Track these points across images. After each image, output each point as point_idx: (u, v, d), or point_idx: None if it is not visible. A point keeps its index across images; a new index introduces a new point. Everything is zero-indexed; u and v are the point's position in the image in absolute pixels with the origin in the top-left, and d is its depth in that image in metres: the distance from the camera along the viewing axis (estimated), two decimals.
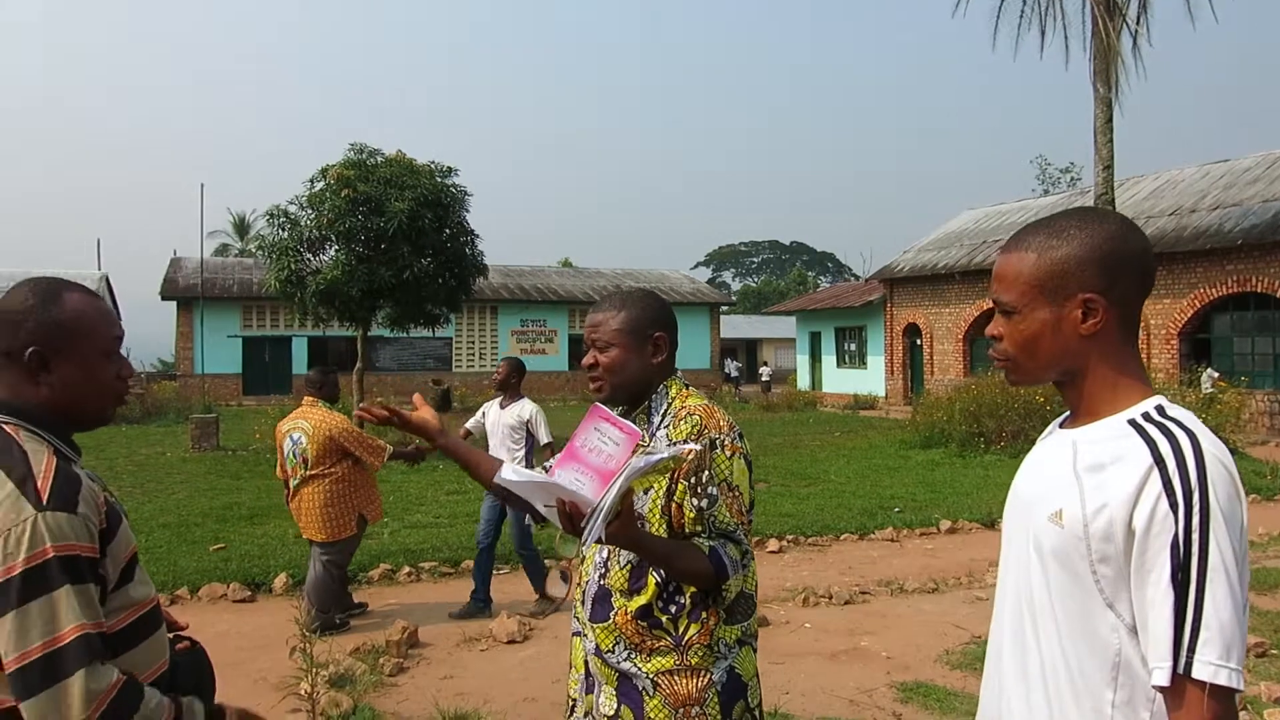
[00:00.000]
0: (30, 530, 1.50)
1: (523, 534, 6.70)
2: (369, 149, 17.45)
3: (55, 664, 1.49)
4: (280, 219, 16.95)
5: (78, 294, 1.73)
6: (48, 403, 1.68)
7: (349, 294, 16.27)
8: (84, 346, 1.71)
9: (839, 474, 13.37)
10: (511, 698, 4.98)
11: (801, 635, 6.04)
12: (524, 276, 39.70)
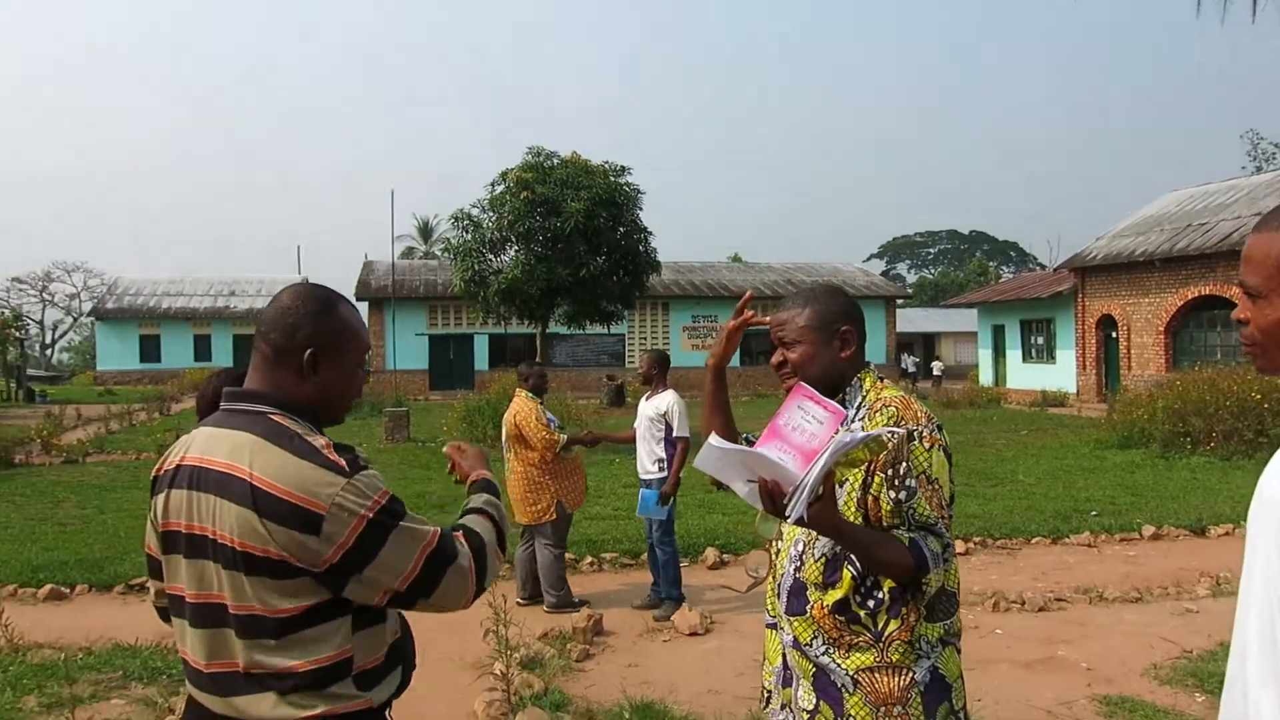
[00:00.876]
0: (354, 491, 1.69)
1: (666, 528, 6.68)
2: (546, 151, 17.99)
3: (439, 559, 1.76)
4: (464, 222, 17.71)
5: (346, 304, 1.92)
6: (308, 400, 1.83)
7: (528, 292, 16.83)
8: (348, 353, 1.88)
9: (1028, 474, 12.76)
10: (696, 689, 5.02)
11: (992, 641, 5.81)
12: (694, 272, 39.89)
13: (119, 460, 14.99)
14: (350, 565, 1.67)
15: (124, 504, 10.80)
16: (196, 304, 42.60)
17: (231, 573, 1.69)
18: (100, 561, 7.83)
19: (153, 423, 21.37)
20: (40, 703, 4.59)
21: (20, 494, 11.55)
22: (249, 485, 1.67)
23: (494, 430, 17.06)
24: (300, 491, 1.65)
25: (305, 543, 1.65)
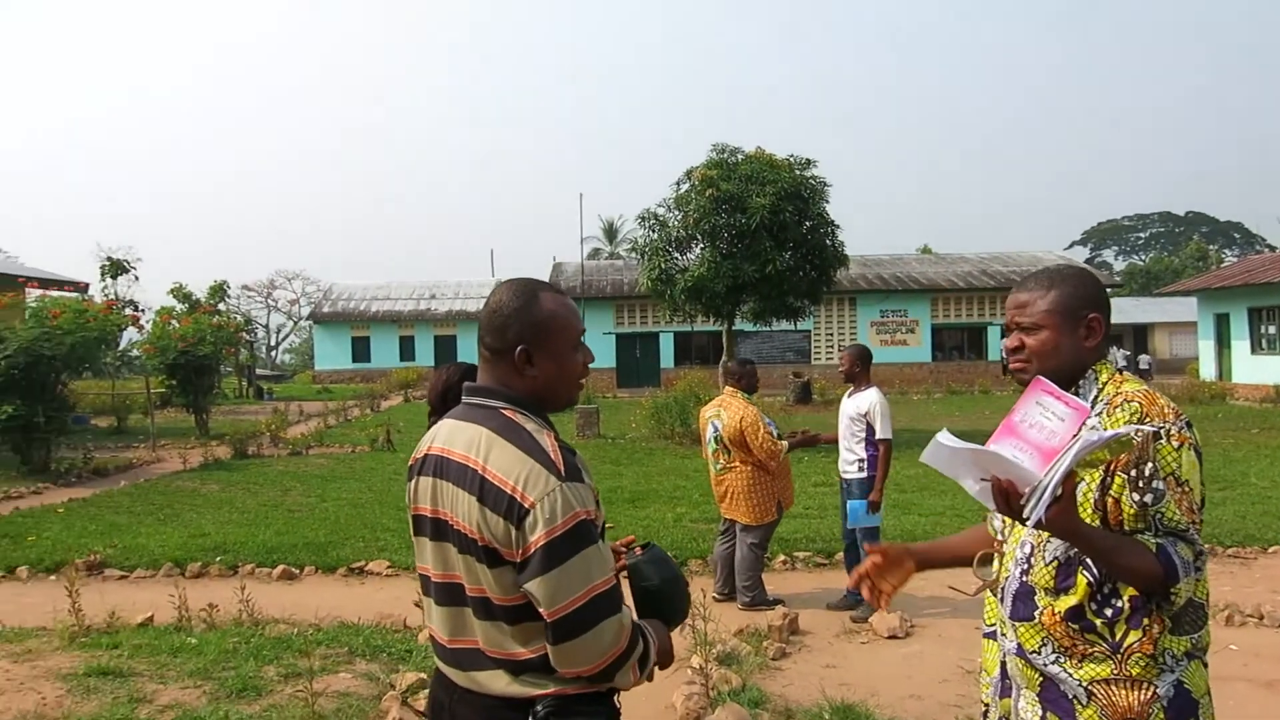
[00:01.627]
0: (562, 497, 1.73)
1: (872, 532, 6.49)
2: (730, 148, 17.96)
3: (594, 611, 1.73)
4: (650, 221, 17.94)
5: (550, 294, 1.96)
6: (531, 392, 1.91)
7: (714, 290, 16.86)
8: (559, 341, 1.93)
9: (1261, 477, 11.71)
10: (897, 693, 4.90)
11: (1226, 658, 5.37)
12: (882, 265, 38.83)
13: (336, 453, 16.09)
14: (527, 569, 1.71)
15: (342, 493, 11.60)
16: (401, 307, 45.11)
17: (465, 557, 1.80)
18: (324, 546, 8.44)
19: (364, 418, 22.82)
20: (279, 672, 5.00)
21: (254, 482, 12.60)
22: (479, 476, 1.77)
23: (681, 428, 17.25)
24: (515, 482, 1.73)
25: (510, 533, 1.72)
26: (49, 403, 13.79)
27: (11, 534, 9.00)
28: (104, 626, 5.82)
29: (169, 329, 19.93)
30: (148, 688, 4.74)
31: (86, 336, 14.19)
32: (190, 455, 14.63)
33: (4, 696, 4.62)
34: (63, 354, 13.77)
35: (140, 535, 9.02)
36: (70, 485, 12.81)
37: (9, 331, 13.66)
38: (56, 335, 13.67)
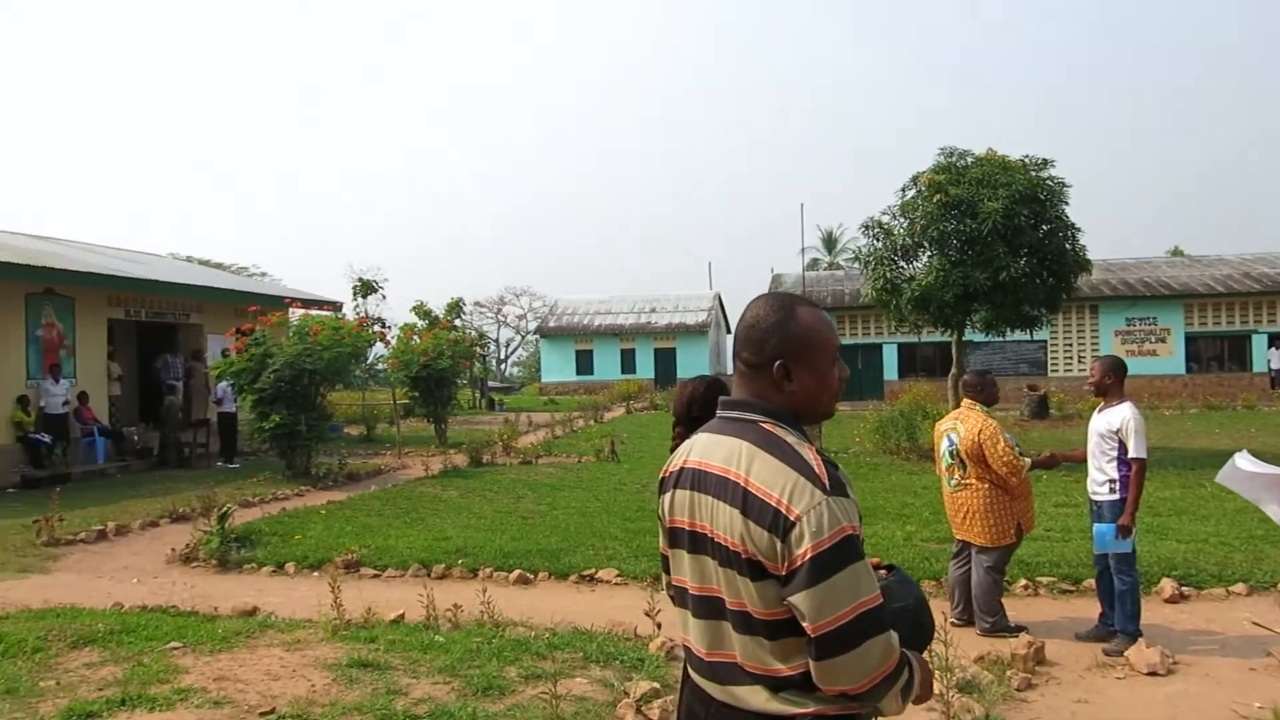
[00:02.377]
0: (829, 511, 1.70)
1: (1127, 557, 5.94)
2: (958, 151, 17.24)
3: (861, 627, 1.68)
4: (874, 229, 17.49)
5: (807, 308, 1.94)
6: (788, 405, 1.89)
7: (943, 299, 16.20)
8: (817, 355, 1.90)
9: None
10: None
11: None
12: (1128, 270, 36.03)
13: (564, 462, 16.67)
14: (791, 582, 1.69)
15: (571, 502, 11.99)
16: (622, 321, 46.32)
17: (726, 570, 1.78)
18: (556, 552, 8.74)
19: (589, 429, 23.53)
20: (519, 673, 5.20)
21: (489, 489, 13.25)
22: (742, 488, 1.75)
23: (908, 442, 16.68)
24: (780, 495, 1.70)
25: (775, 545, 1.70)
26: (310, 412, 15.07)
27: (281, 533, 9.89)
28: (361, 622, 6.26)
29: (411, 344, 21.35)
30: (402, 681, 5.05)
31: (341, 352, 15.41)
32: (431, 462, 15.58)
33: (280, 682, 5.06)
34: (321, 368, 15.01)
35: (390, 537, 9.67)
36: (328, 489, 13.94)
37: (276, 348, 15.06)
38: (316, 351, 14.92)
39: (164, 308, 19.59)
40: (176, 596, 7.27)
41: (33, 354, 16.19)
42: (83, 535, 10.08)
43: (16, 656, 5.53)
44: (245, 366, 14.91)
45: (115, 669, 5.30)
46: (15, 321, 15.88)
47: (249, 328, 15.71)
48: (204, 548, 9.00)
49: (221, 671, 5.22)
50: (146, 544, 9.98)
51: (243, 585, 8.09)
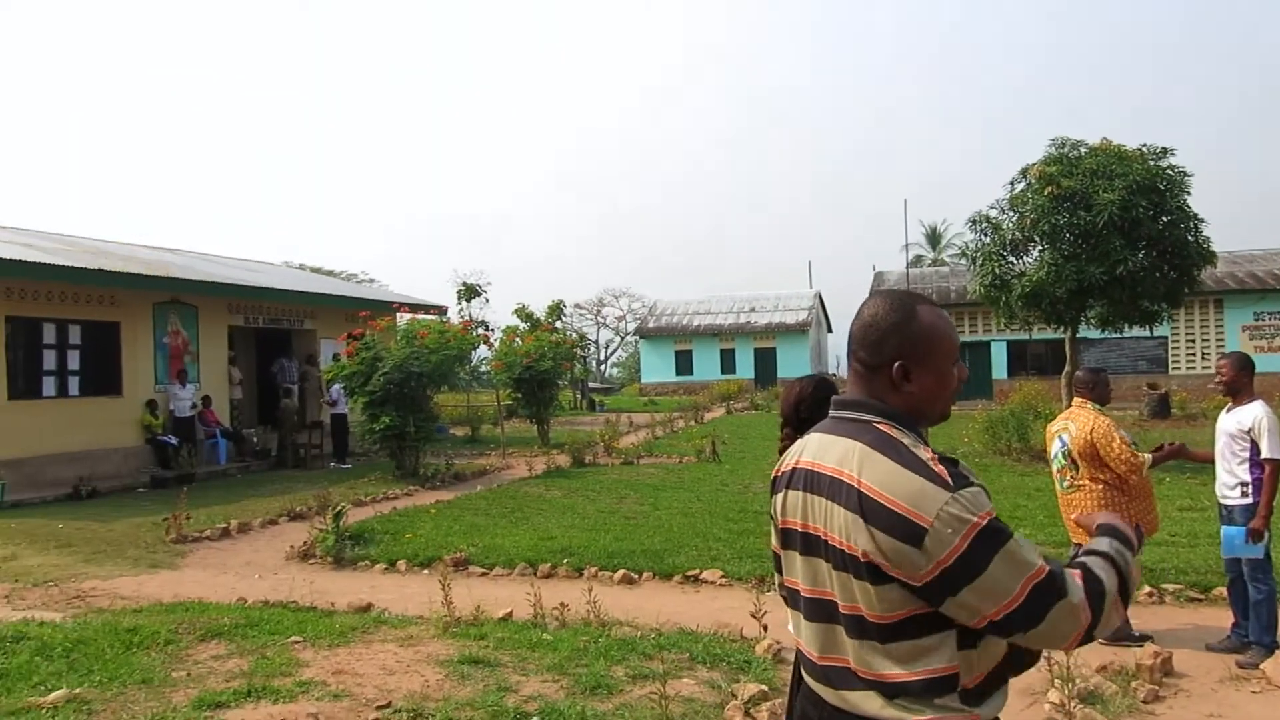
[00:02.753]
0: (959, 507, 1.66)
1: (1260, 564, 5.61)
2: (1071, 141, 16.64)
3: (1039, 602, 1.65)
4: (982, 224, 17.02)
5: (928, 307, 1.89)
6: (907, 406, 1.85)
7: (1055, 294, 15.67)
8: (938, 356, 1.86)
9: None
10: None
11: None
12: (1255, 262, 34.19)
13: (665, 463, 16.70)
14: (948, 584, 1.64)
15: (673, 502, 12.00)
16: (722, 321, 46.18)
17: (840, 573, 1.75)
18: (660, 553, 8.76)
19: (689, 429, 23.53)
20: (626, 673, 5.22)
21: (591, 489, 13.36)
22: (856, 491, 1.71)
23: (1019, 443, 16.17)
24: (905, 501, 1.66)
25: (906, 553, 1.65)
26: (418, 414, 15.47)
27: (392, 531, 10.16)
28: (471, 619, 6.38)
29: (514, 346, 21.71)
30: (512, 678, 5.13)
31: (448, 355, 15.76)
32: (535, 463, 15.79)
33: (395, 677, 5.19)
34: (428, 370, 15.38)
35: (496, 536, 9.84)
36: (436, 488, 14.27)
37: (385, 351, 15.50)
38: (423, 354, 15.30)
39: (280, 314, 20.36)
40: (296, 592, 7.53)
41: (160, 360, 17.04)
42: (208, 533, 10.55)
43: (150, 648, 5.81)
44: (356, 370, 15.39)
45: (241, 661, 5.52)
46: (144, 330, 16.73)
47: (359, 332, 16.21)
48: (320, 545, 9.31)
49: (339, 665, 5.39)
50: (266, 541, 10.38)
51: (357, 582, 8.34)
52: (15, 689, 5.05)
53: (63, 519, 11.61)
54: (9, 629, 6.17)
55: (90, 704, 4.77)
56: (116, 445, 15.95)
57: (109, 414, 15.96)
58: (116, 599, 7.70)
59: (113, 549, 9.87)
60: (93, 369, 15.97)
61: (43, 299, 15.01)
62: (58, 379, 15.51)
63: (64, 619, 6.72)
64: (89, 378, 15.92)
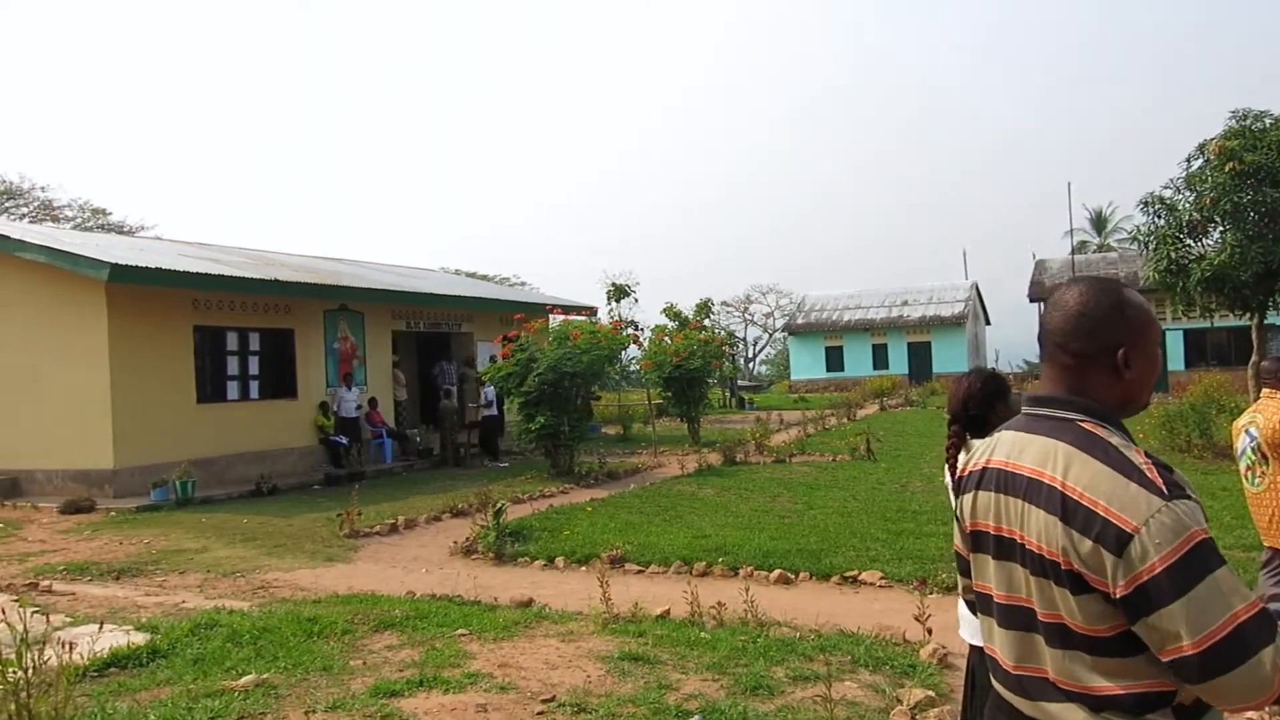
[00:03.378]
0: (1172, 518, 1.53)
1: None
2: (1254, 113, 15.47)
3: (1242, 641, 1.48)
4: (1155, 206, 16.04)
5: (1132, 291, 1.81)
6: (1116, 400, 1.75)
7: (1239, 278, 14.61)
8: (1151, 341, 1.77)
9: None
10: None
11: None
12: None
13: (817, 461, 16.45)
14: (1145, 601, 1.51)
15: (828, 501, 11.80)
16: (873, 315, 45.17)
17: (1039, 579, 1.66)
18: (817, 552, 8.62)
19: (842, 427, 23.11)
20: (787, 674, 5.15)
21: (744, 487, 13.29)
22: (1059, 493, 1.61)
23: (1199, 439, 15.14)
24: (1112, 505, 1.55)
25: (1106, 561, 1.54)
26: (572, 414, 15.77)
27: (549, 528, 10.39)
28: (629, 616, 6.43)
29: (663, 345, 21.85)
30: (671, 676, 5.14)
31: (599, 355, 16.01)
32: (686, 461, 15.83)
33: (558, 671, 5.29)
34: (581, 370, 15.66)
35: (651, 534, 9.91)
36: (590, 486, 14.50)
37: (540, 352, 15.88)
38: (575, 354, 15.59)
39: (439, 318, 21.16)
40: (460, 586, 7.79)
41: (331, 364, 17.99)
42: (377, 528, 11.06)
43: (329, 637, 6.12)
44: (512, 371, 15.82)
45: (412, 652, 5.75)
46: (316, 335, 17.70)
47: (514, 334, 16.65)
48: (482, 541, 9.60)
49: (504, 659, 5.54)
50: (431, 537, 10.79)
51: (517, 577, 8.56)
52: (210, 672, 5.41)
53: (246, 514, 12.41)
54: (204, 616, 6.63)
55: (277, 689, 5.06)
56: (292, 445, 16.94)
57: (286, 416, 16.96)
58: (297, 590, 8.16)
59: (292, 543, 10.47)
60: (271, 373, 17.01)
61: (225, 309, 16.07)
62: (240, 383, 16.59)
63: (250, 608, 7.17)
64: (267, 382, 16.97)
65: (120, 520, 12.38)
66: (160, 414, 14.82)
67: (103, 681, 5.35)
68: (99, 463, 14.32)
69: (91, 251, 14.51)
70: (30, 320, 15.16)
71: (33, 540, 11.23)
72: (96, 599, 7.90)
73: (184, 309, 15.38)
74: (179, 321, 15.31)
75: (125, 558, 9.77)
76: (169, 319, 15.13)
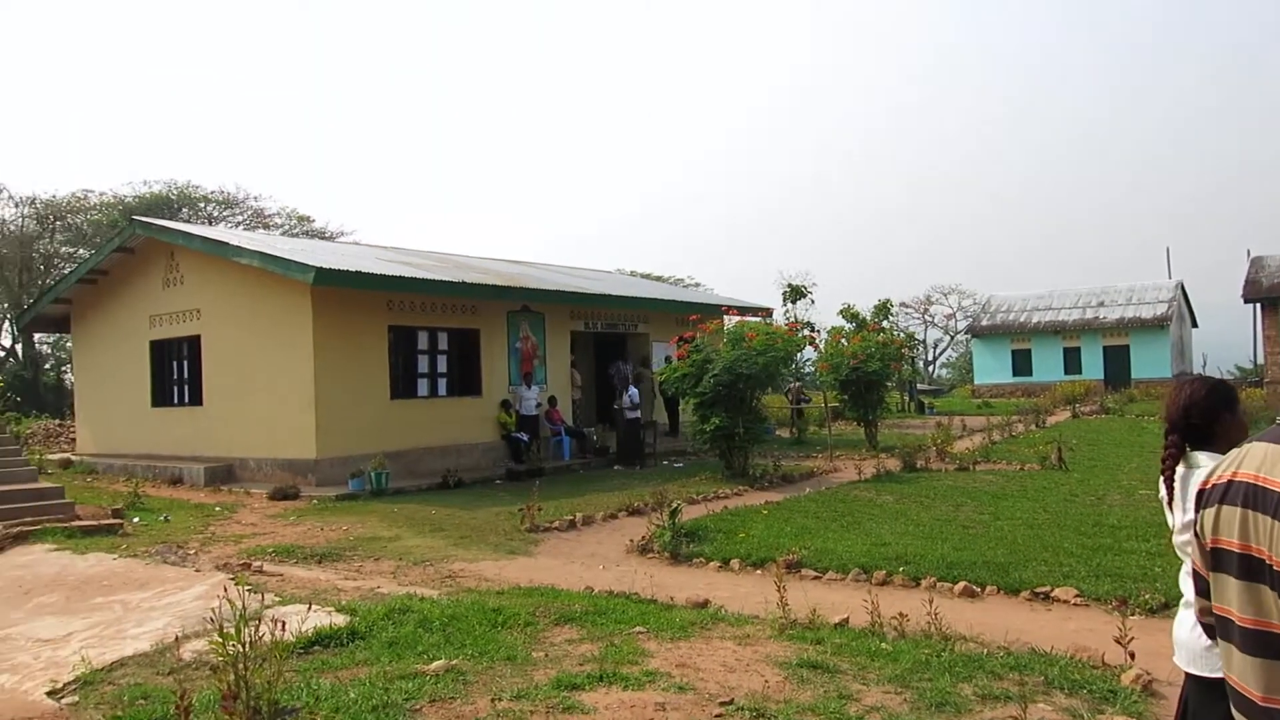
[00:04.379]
0: None
1: None
2: None
3: None
4: None
5: None
6: None
7: None
8: None
9: None
10: None
11: None
12: None
13: (1003, 469, 15.71)
14: None
15: (1015, 512, 11.24)
16: (1065, 317, 42.81)
17: None
18: (1004, 566, 8.23)
19: (1030, 434, 22.01)
20: (974, 692, 4.93)
21: (924, 495, 12.85)
22: None
23: None
24: None
25: None
26: (746, 415, 15.69)
27: (725, 530, 10.36)
28: (806, 622, 6.33)
29: (840, 347, 21.43)
30: (852, 686, 5.02)
31: (775, 356, 15.85)
32: (863, 466, 15.46)
33: (735, 674, 5.27)
34: (756, 372, 15.55)
35: (827, 539, 9.73)
36: (764, 489, 14.38)
37: (715, 354, 15.88)
38: (751, 356, 15.49)
39: (616, 319, 21.52)
40: (636, 584, 7.88)
41: (513, 363, 18.62)
42: (556, 524, 11.35)
43: (513, 628, 6.32)
44: (687, 372, 15.89)
45: (591, 646, 5.85)
46: (499, 336, 18.36)
47: (690, 335, 16.73)
48: (657, 540, 9.69)
49: (682, 659, 5.55)
50: (608, 534, 10.98)
51: (693, 578, 8.58)
52: (404, 655, 5.69)
53: (434, 506, 13.00)
54: (397, 602, 6.98)
55: (465, 675, 5.26)
56: (476, 441, 17.64)
57: (471, 412, 17.68)
58: (481, 580, 8.47)
59: (476, 535, 10.89)
60: (457, 372, 17.78)
61: (416, 310, 16.91)
62: (429, 381, 17.42)
63: (439, 596, 7.50)
64: (454, 380, 17.74)
65: (321, 507, 13.23)
66: (358, 409, 15.76)
67: (307, 658, 5.72)
68: (303, 453, 15.36)
69: (299, 256, 15.59)
70: (245, 320, 16.45)
71: (245, 523, 12.16)
72: (301, 580, 8.46)
73: (380, 310, 16.29)
74: (375, 321, 16.23)
75: (326, 543, 10.43)
76: (366, 319, 16.06)
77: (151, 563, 9.39)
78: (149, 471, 17.04)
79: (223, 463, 16.46)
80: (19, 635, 6.74)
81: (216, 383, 16.99)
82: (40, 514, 11.77)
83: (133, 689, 5.25)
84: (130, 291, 19.00)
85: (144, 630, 6.70)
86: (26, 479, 13.25)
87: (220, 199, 45.46)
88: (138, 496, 13.76)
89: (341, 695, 4.86)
